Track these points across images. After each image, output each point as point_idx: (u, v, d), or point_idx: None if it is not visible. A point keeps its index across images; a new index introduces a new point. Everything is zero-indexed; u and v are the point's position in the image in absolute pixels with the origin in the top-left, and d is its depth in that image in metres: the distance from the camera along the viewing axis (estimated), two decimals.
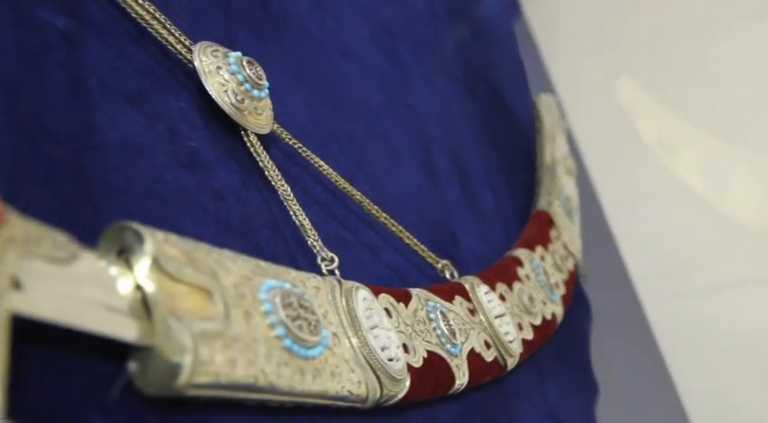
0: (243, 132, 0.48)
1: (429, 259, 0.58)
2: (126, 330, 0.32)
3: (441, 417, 0.51)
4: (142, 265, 0.33)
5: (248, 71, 0.47)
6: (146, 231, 0.33)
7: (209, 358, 0.33)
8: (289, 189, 0.47)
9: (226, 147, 0.47)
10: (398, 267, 0.57)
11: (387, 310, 0.46)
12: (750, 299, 0.92)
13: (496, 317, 0.57)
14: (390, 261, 0.56)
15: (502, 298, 0.59)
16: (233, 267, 0.37)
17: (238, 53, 0.48)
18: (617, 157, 1.08)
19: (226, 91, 0.47)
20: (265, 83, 0.48)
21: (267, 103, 0.49)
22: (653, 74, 1.07)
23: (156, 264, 0.33)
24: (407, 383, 0.44)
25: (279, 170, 0.48)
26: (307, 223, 0.46)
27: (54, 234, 0.29)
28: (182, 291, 0.34)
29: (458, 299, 0.54)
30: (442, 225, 0.68)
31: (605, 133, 1.09)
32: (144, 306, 0.33)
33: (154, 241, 0.33)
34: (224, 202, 0.45)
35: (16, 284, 0.27)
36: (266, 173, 0.47)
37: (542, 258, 0.71)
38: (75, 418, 0.30)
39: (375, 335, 0.43)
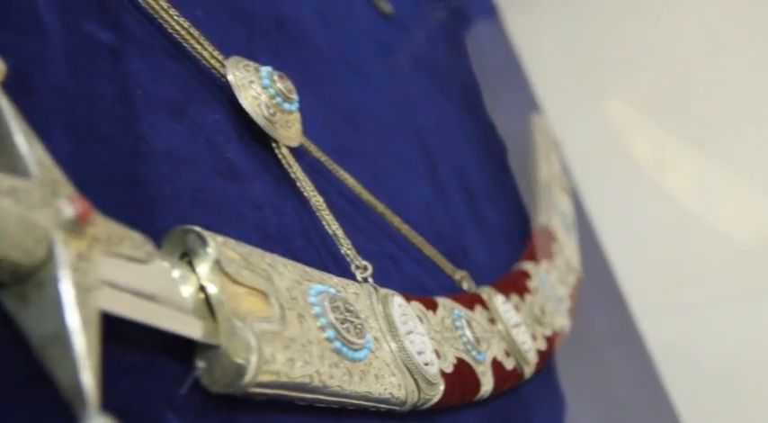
0: (274, 145, 0.49)
1: (447, 270, 0.59)
2: (193, 329, 0.32)
3: (467, 422, 0.52)
4: (205, 266, 0.34)
5: (279, 85, 0.49)
6: (208, 235, 0.34)
7: (271, 357, 0.34)
8: (321, 200, 0.48)
9: (258, 159, 0.48)
10: (418, 278, 0.58)
11: (418, 317, 0.47)
12: (744, 313, 0.94)
13: (514, 326, 0.58)
14: (411, 272, 0.58)
15: (517, 308, 0.61)
16: (285, 271, 0.38)
17: (269, 67, 0.49)
18: (607, 175, 1.10)
19: (258, 104, 0.48)
20: (295, 96, 0.50)
21: (297, 116, 0.50)
22: (642, 94, 1.10)
23: (218, 266, 0.34)
24: (441, 388, 0.45)
25: (311, 182, 0.49)
26: (340, 233, 0.48)
27: (132, 234, 0.30)
28: (241, 292, 0.35)
29: (478, 308, 0.56)
30: (452, 238, 0.69)
31: (595, 153, 1.12)
32: (207, 306, 0.34)
33: (216, 244, 0.34)
34: (261, 211, 0.46)
35: (102, 282, 0.28)
36: (298, 184, 0.49)
37: (548, 272, 0.73)
38: (150, 414, 0.31)
39: (411, 340, 0.44)
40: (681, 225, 1.02)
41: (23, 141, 0.29)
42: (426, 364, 0.44)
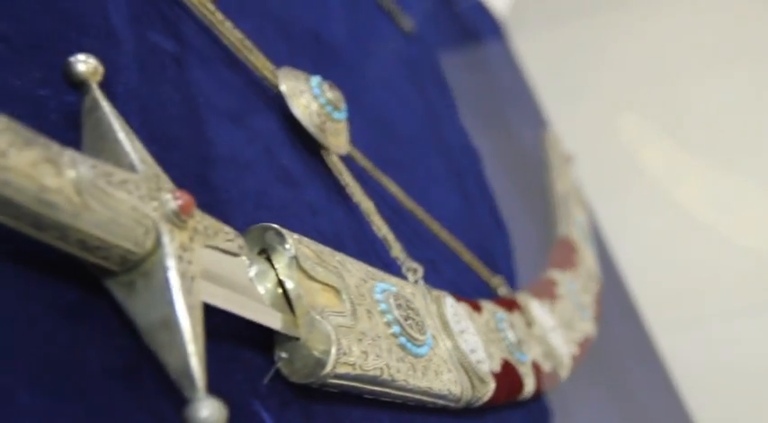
0: (323, 152, 0.51)
1: (484, 276, 0.61)
2: (274, 321, 0.34)
3: (511, 421, 0.53)
4: (284, 262, 0.35)
5: (329, 94, 0.50)
6: (286, 232, 0.36)
7: (348, 349, 0.35)
8: (372, 205, 0.49)
9: (310, 165, 0.50)
10: (456, 282, 0.59)
11: (468, 318, 0.49)
12: (758, 324, 0.95)
13: (549, 331, 0.59)
14: (449, 276, 0.59)
15: (550, 314, 0.62)
16: (352, 269, 0.39)
17: (319, 77, 0.51)
18: (619, 189, 1.12)
19: (309, 113, 0.49)
20: (344, 106, 0.51)
21: (344, 125, 0.52)
22: (654, 110, 1.12)
23: (296, 262, 0.35)
24: (492, 386, 0.47)
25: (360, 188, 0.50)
26: (390, 237, 0.49)
27: (225, 228, 0.32)
28: (316, 288, 0.36)
29: (516, 312, 0.57)
30: (481, 245, 0.70)
31: (607, 167, 1.14)
32: (285, 300, 0.35)
33: (293, 241, 0.36)
34: (317, 216, 0.47)
35: (202, 273, 0.29)
36: (347, 190, 0.50)
37: (573, 280, 0.74)
38: (238, 402, 0.32)
39: (465, 339, 0.46)
40: (693, 237, 1.04)
41: (125, 138, 0.30)
42: (479, 363, 0.46)
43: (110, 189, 0.27)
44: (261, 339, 0.35)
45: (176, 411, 0.29)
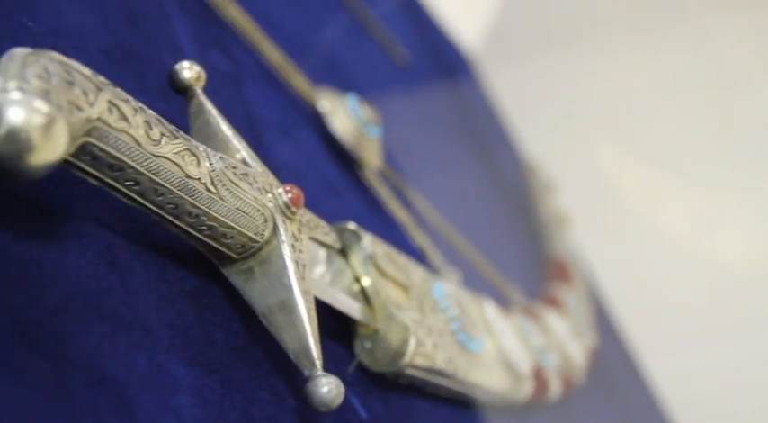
0: (358, 167, 0.53)
1: (502, 287, 0.64)
2: (356, 312, 0.36)
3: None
4: (360, 259, 0.38)
5: (365, 113, 0.53)
6: (362, 231, 0.38)
7: (423, 341, 0.37)
8: (408, 217, 0.52)
9: (348, 179, 0.53)
10: (480, 291, 0.62)
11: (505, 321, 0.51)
12: (738, 344, 0.99)
13: (564, 339, 0.62)
14: (474, 286, 0.62)
15: (563, 323, 0.65)
16: (414, 269, 0.42)
17: (355, 96, 0.54)
18: (601, 218, 1.16)
19: (347, 131, 0.52)
20: (379, 123, 0.54)
21: (378, 141, 0.55)
22: (629, 136, 1.17)
23: (371, 259, 0.38)
24: (529, 386, 0.49)
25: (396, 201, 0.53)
26: (428, 246, 0.52)
27: (322, 222, 0.34)
28: (388, 284, 0.39)
29: (534, 320, 0.60)
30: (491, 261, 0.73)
31: (586, 197, 1.18)
32: (362, 295, 0.37)
33: (368, 239, 0.38)
34: (360, 225, 0.49)
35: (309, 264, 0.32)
36: (382, 204, 0.53)
37: (574, 294, 0.77)
38: None
39: (504, 340, 0.48)
40: (673, 261, 1.08)
41: (235, 137, 0.33)
42: (517, 363, 0.48)
43: (236, 180, 0.29)
44: (338, 332, 0.37)
45: (289, 389, 0.31)
